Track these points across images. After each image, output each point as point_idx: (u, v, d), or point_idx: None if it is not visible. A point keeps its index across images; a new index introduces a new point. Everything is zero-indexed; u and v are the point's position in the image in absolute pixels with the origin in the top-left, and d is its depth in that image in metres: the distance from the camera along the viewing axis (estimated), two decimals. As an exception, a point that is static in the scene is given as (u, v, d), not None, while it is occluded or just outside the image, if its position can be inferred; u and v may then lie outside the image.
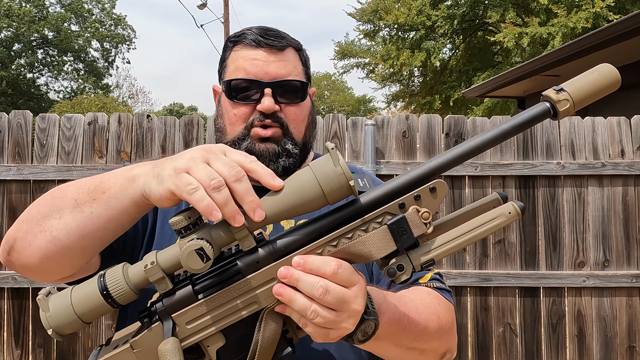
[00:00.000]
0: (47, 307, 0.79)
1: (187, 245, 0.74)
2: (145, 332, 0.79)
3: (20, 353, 3.49)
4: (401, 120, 3.58)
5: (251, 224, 0.77)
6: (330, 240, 0.79)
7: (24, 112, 3.55)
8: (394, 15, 17.50)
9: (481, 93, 10.89)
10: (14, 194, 3.50)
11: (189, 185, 0.75)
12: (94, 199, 0.87)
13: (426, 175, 0.80)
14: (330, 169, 0.76)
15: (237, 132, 1.18)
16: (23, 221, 0.95)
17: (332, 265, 0.77)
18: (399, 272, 0.79)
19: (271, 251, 0.80)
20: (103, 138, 3.54)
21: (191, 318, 0.79)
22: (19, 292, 3.48)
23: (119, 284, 0.78)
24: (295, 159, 1.18)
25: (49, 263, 0.92)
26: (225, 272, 0.80)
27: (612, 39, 5.92)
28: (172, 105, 46.32)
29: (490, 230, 0.81)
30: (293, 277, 0.76)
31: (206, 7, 22.59)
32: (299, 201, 0.77)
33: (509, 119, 0.83)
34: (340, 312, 0.77)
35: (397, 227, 0.78)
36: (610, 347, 3.46)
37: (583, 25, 13.06)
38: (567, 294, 3.49)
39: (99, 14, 32.78)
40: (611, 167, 3.47)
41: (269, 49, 1.17)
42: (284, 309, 0.79)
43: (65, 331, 0.80)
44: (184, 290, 0.79)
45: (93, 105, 20.94)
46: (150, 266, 0.77)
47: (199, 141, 3.57)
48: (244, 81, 1.16)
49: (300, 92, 1.19)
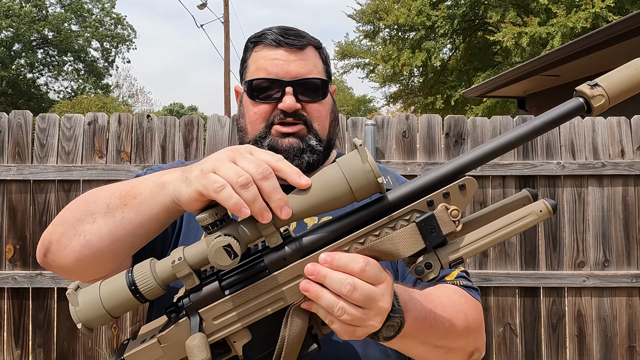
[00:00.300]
0: (77, 301, 0.79)
1: (215, 241, 0.74)
2: (172, 327, 0.79)
3: (20, 353, 3.49)
4: (401, 120, 3.58)
5: (278, 221, 0.77)
6: (358, 238, 0.78)
7: (24, 112, 3.55)
8: (393, 15, 17.50)
9: (481, 93, 10.88)
10: (14, 194, 3.50)
11: (216, 184, 0.75)
12: (125, 204, 0.89)
13: (455, 172, 0.79)
14: (359, 166, 0.76)
15: (258, 131, 1.18)
16: (57, 224, 0.98)
17: (359, 262, 0.76)
18: (427, 270, 0.78)
19: (298, 248, 0.79)
20: (103, 138, 3.54)
21: (218, 314, 0.79)
22: (19, 292, 3.48)
23: (146, 279, 0.78)
24: (319, 156, 1.18)
25: (82, 266, 0.94)
26: (251, 268, 0.80)
27: (612, 39, 5.92)
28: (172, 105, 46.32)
29: (520, 228, 0.80)
30: (320, 273, 0.76)
31: (206, 7, 22.60)
32: (327, 198, 0.76)
33: (541, 115, 0.81)
34: (368, 309, 0.77)
35: (425, 225, 0.77)
36: (610, 347, 3.46)
37: (582, 25, 13.06)
38: (567, 294, 3.49)
39: (99, 14, 32.80)
40: (611, 167, 3.47)
41: (289, 48, 1.18)
42: (310, 306, 0.78)
43: (94, 325, 0.80)
44: (211, 286, 0.79)
45: (93, 105, 20.94)
46: (178, 262, 0.77)
47: (199, 141, 3.57)
48: (265, 80, 1.17)
49: (321, 90, 1.20)
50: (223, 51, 21.33)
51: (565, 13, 13.76)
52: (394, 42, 18.55)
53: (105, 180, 3.48)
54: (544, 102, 9.60)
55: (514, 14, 15.45)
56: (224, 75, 21.16)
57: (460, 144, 3.55)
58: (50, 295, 3.49)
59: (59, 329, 3.50)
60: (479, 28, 18.25)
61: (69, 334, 3.50)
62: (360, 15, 19.28)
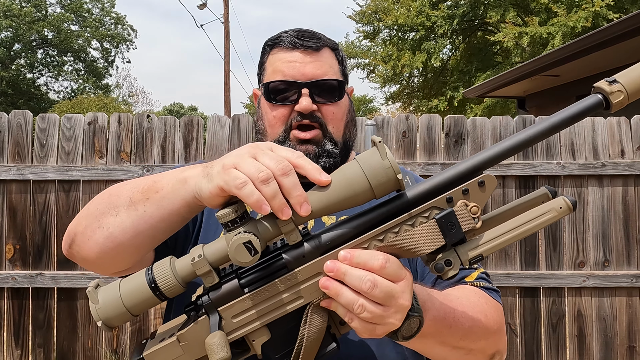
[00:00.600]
0: (97, 299, 0.79)
1: (235, 238, 0.74)
2: (191, 326, 0.79)
3: (20, 353, 3.49)
4: (401, 120, 3.58)
5: (297, 218, 0.77)
6: (377, 235, 0.78)
7: (24, 112, 3.55)
8: (393, 16, 17.50)
9: (481, 93, 10.89)
10: (14, 194, 3.50)
11: (238, 180, 0.75)
12: (148, 198, 0.90)
13: (474, 169, 0.79)
14: (378, 162, 0.76)
15: (277, 134, 1.19)
16: (83, 217, 1.00)
17: (379, 259, 0.76)
18: (447, 267, 0.78)
19: (317, 245, 0.79)
20: (103, 138, 3.54)
21: (237, 312, 0.78)
22: (19, 292, 3.48)
23: (166, 276, 0.78)
24: (336, 159, 1.19)
25: (105, 258, 0.96)
26: (270, 266, 0.79)
27: (612, 39, 5.92)
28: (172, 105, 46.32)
29: (540, 225, 0.79)
30: (340, 270, 0.76)
31: (206, 7, 22.60)
32: (346, 195, 0.76)
33: (559, 112, 0.80)
34: (388, 307, 0.76)
35: (445, 222, 0.77)
36: (610, 347, 3.46)
37: (583, 25, 13.06)
38: (567, 294, 3.49)
39: (99, 14, 32.79)
40: (611, 167, 3.47)
41: (305, 50, 1.19)
42: (330, 304, 0.78)
43: (114, 323, 0.80)
44: (230, 284, 0.79)
45: (93, 105, 20.94)
46: (198, 259, 0.77)
47: (199, 141, 3.57)
48: (282, 83, 1.19)
49: (337, 91, 1.21)
50: (223, 51, 21.33)
51: (565, 12, 13.76)
52: (394, 42, 18.55)
53: (105, 180, 3.49)
54: (544, 102, 9.60)
55: (514, 13, 15.44)
56: (224, 75, 21.16)
57: (460, 144, 3.55)
58: (50, 295, 3.49)
59: (59, 329, 3.50)
60: (479, 28, 18.25)
61: (69, 334, 3.50)
62: (360, 15, 19.28)
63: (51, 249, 3.50)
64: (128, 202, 0.93)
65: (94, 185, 3.50)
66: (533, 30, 13.83)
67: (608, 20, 12.56)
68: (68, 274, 3.46)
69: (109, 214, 0.94)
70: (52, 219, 3.50)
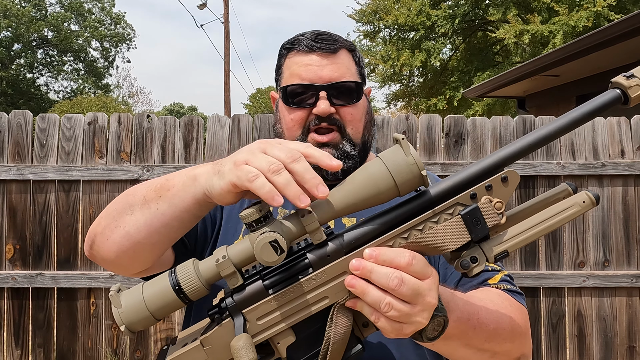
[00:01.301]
0: (120, 303, 0.77)
1: (261, 237, 0.73)
2: (215, 329, 0.78)
3: (20, 353, 3.49)
4: (401, 120, 3.58)
5: (320, 215, 0.76)
6: (401, 233, 0.77)
7: (24, 112, 3.55)
8: (393, 15, 17.49)
9: (481, 93, 10.88)
10: (14, 194, 3.50)
11: (250, 174, 0.75)
12: (160, 196, 0.92)
13: (496, 165, 0.79)
14: (402, 159, 0.75)
15: (294, 138, 1.19)
16: (102, 217, 1.02)
17: (406, 256, 0.75)
18: (473, 264, 0.77)
19: (341, 244, 0.78)
20: (103, 138, 3.54)
21: (262, 314, 0.77)
22: (19, 292, 3.48)
23: (190, 279, 0.77)
24: (355, 160, 1.19)
25: (123, 257, 0.97)
26: (295, 266, 0.78)
27: (612, 39, 5.92)
28: (172, 105, 46.34)
29: (564, 220, 0.79)
30: (366, 268, 0.75)
31: (206, 7, 22.60)
32: (371, 193, 0.76)
33: (578, 107, 0.80)
34: (415, 304, 0.75)
35: (471, 217, 0.77)
36: (610, 347, 3.46)
37: (584, 24, 13.06)
38: (567, 294, 3.49)
39: (99, 13, 32.79)
40: (611, 167, 3.47)
41: (322, 53, 1.19)
42: (355, 304, 0.77)
43: (137, 328, 0.78)
44: (255, 285, 0.78)
45: (93, 105, 20.95)
46: (222, 260, 0.76)
47: (199, 141, 3.57)
48: (299, 86, 1.19)
49: (355, 93, 1.20)
50: (223, 51, 21.33)
51: (567, 11, 13.76)
52: (394, 42, 18.55)
53: (105, 180, 3.49)
54: (544, 102, 9.60)
55: (515, 12, 15.44)
56: (224, 75, 21.16)
57: (460, 144, 3.55)
58: (50, 295, 3.49)
59: (59, 329, 3.50)
60: (479, 28, 18.25)
61: (69, 334, 3.50)
62: (360, 15, 19.27)
63: (51, 249, 3.50)
64: (142, 201, 0.94)
65: (94, 185, 3.51)
66: (534, 28, 13.82)
67: (609, 20, 12.57)
68: (68, 274, 3.46)
69: (125, 213, 0.96)
70: (52, 219, 3.50)
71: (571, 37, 12.67)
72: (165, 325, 3.53)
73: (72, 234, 3.52)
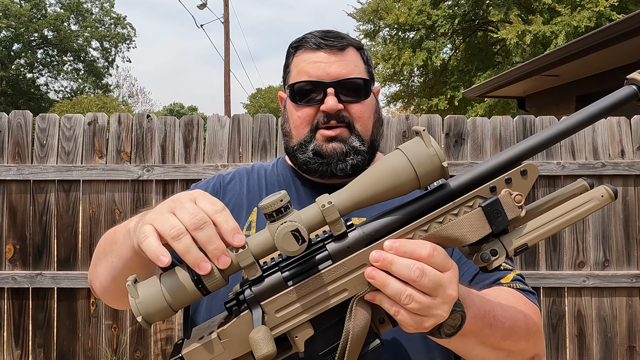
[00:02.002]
0: (137, 293, 0.76)
1: (283, 226, 0.72)
2: (233, 321, 0.77)
3: (20, 353, 3.49)
4: (401, 120, 3.58)
5: (340, 206, 0.76)
6: (421, 225, 0.77)
7: (24, 112, 3.55)
8: (394, 14, 17.50)
9: (481, 93, 10.88)
10: (14, 194, 3.50)
11: (141, 235, 0.77)
12: (112, 250, 0.97)
13: (515, 159, 0.79)
14: (423, 150, 0.75)
15: (302, 135, 1.18)
16: (91, 265, 1.12)
17: (427, 247, 0.75)
18: (493, 257, 0.77)
19: (361, 236, 0.77)
20: (103, 138, 3.54)
21: (281, 306, 0.76)
22: (19, 292, 3.48)
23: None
24: (364, 157, 1.18)
25: (110, 300, 1.09)
26: (314, 258, 0.77)
27: (613, 38, 5.92)
28: (172, 105, 46.35)
29: (583, 214, 0.79)
30: (386, 260, 0.74)
31: (206, 7, 22.60)
32: (392, 184, 0.75)
33: (595, 102, 0.81)
34: (436, 297, 0.75)
35: (491, 210, 0.77)
36: (610, 347, 3.46)
37: (586, 25, 13.06)
38: (567, 294, 3.49)
39: (99, 13, 32.78)
40: (611, 167, 3.47)
41: (330, 50, 1.18)
42: (374, 297, 0.76)
43: (154, 319, 0.77)
44: (274, 277, 0.77)
45: (93, 105, 20.95)
46: (242, 251, 0.75)
47: (199, 141, 3.57)
48: (307, 83, 1.17)
49: (363, 90, 1.19)
50: (223, 51, 21.33)
51: (569, 12, 13.76)
52: (394, 41, 18.55)
53: (105, 180, 3.49)
54: (544, 102, 9.60)
55: (517, 12, 15.43)
56: (224, 75, 21.16)
57: (460, 144, 3.55)
58: (50, 295, 3.49)
59: (59, 329, 3.50)
60: (479, 28, 18.26)
61: (69, 334, 3.50)
62: (361, 14, 19.26)
63: (51, 249, 3.50)
64: (103, 254, 1.02)
65: (94, 185, 3.51)
66: (536, 28, 13.82)
67: (611, 21, 12.57)
68: (68, 274, 3.46)
69: (98, 264, 1.05)
70: (52, 219, 3.50)
71: (573, 38, 12.67)
72: (165, 325, 3.53)
73: (72, 234, 3.52)
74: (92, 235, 3.50)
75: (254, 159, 3.52)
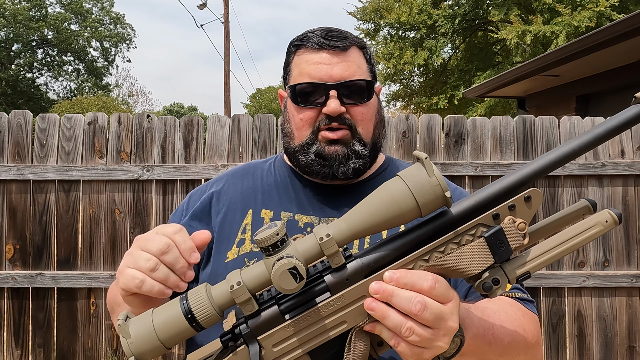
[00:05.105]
0: (128, 333, 0.74)
1: (280, 264, 0.70)
2: (230, 357, 0.75)
3: (20, 353, 3.49)
4: (401, 120, 3.58)
5: (339, 237, 0.74)
6: (422, 255, 0.75)
7: (24, 112, 3.55)
8: (395, 14, 17.50)
9: (481, 93, 10.88)
10: (14, 194, 3.50)
11: (135, 279, 0.82)
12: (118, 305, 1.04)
13: (519, 183, 0.76)
14: (425, 180, 0.72)
15: (304, 137, 1.16)
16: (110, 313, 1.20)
17: (429, 279, 0.73)
18: (495, 286, 0.75)
19: (360, 267, 0.75)
20: (103, 138, 3.54)
21: (278, 340, 0.74)
22: (19, 292, 3.48)
23: (203, 306, 0.74)
24: (365, 160, 1.16)
25: None
26: (312, 290, 0.75)
27: (612, 38, 5.91)
28: (172, 105, 46.34)
29: (586, 240, 0.77)
30: (387, 291, 0.72)
31: (206, 7, 22.60)
32: (392, 214, 0.73)
33: (602, 122, 0.79)
34: (437, 329, 0.73)
35: (495, 240, 0.74)
36: (610, 347, 3.46)
37: (587, 25, 13.06)
38: (567, 294, 3.49)
39: (98, 13, 32.77)
40: (611, 167, 3.47)
41: (332, 50, 1.15)
42: (374, 328, 0.75)
43: (147, 358, 0.75)
44: (270, 311, 0.75)
45: (93, 105, 20.95)
46: (237, 287, 0.73)
47: (199, 141, 3.57)
48: (309, 85, 1.14)
49: (366, 92, 1.16)
50: (223, 51, 21.32)
51: (570, 12, 13.76)
52: (395, 40, 18.55)
53: (105, 180, 3.48)
54: (544, 102, 9.60)
55: (517, 12, 15.43)
56: (224, 75, 21.16)
57: (460, 144, 3.55)
58: (50, 295, 3.49)
59: (59, 329, 3.50)
60: (480, 28, 18.26)
61: (69, 334, 3.50)
62: (362, 13, 19.26)
63: (51, 249, 3.50)
64: (111, 310, 1.13)
65: (94, 185, 3.51)
66: (537, 28, 13.81)
67: (611, 21, 12.57)
68: (68, 274, 3.46)
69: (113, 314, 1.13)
70: (52, 219, 3.50)
71: (574, 38, 12.67)
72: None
73: (72, 234, 3.52)
74: (92, 235, 3.50)
75: (254, 159, 3.52)
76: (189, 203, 1.27)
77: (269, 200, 1.21)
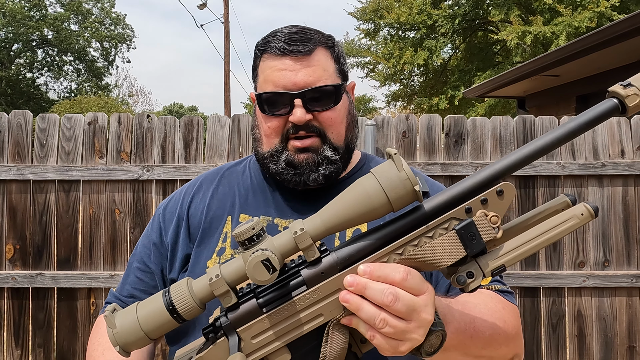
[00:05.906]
0: (114, 323, 0.77)
1: (253, 256, 0.73)
2: (210, 348, 0.78)
3: (20, 353, 3.49)
4: (401, 120, 3.58)
5: (313, 232, 0.76)
6: (396, 248, 0.77)
7: (24, 112, 3.55)
8: (395, 14, 17.50)
9: (481, 93, 10.88)
10: (14, 194, 3.50)
11: None
12: None
13: (492, 178, 0.78)
14: (395, 175, 0.74)
15: (273, 144, 1.14)
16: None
17: (400, 271, 0.75)
18: (469, 279, 0.77)
19: (335, 261, 0.78)
20: (103, 138, 3.54)
21: (256, 332, 0.77)
22: (19, 292, 3.48)
23: (184, 299, 0.77)
24: (337, 165, 1.14)
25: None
26: (289, 284, 0.78)
27: (612, 38, 5.91)
28: (172, 105, 46.32)
29: (562, 233, 0.78)
30: (360, 284, 0.74)
31: (206, 7, 22.59)
32: (364, 209, 0.75)
33: (575, 117, 0.79)
34: (410, 321, 0.75)
35: (466, 232, 0.76)
36: (610, 347, 3.46)
37: (587, 25, 13.05)
38: (567, 294, 3.49)
39: (99, 14, 32.77)
40: (611, 167, 3.47)
41: (295, 56, 1.11)
42: (350, 321, 0.77)
43: (132, 348, 0.78)
44: (249, 304, 0.78)
45: (93, 105, 20.94)
46: (215, 279, 0.76)
47: (199, 141, 3.57)
48: (273, 94, 1.12)
49: (333, 96, 1.13)
50: (223, 51, 21.32)
51: (570, 12, 13.76)
52: (395, 40, 18.56)
53: (105, 180, 3.48)
54: (544, 102, 9.60)
55: (517, 12, 15.43)
56: (224, 75, 21.15)
57: (460, 144, 3.55)
58: (50, 295, 3.49)
59: (59, 329, 3.50)
60: (480, 28, 18.26)
61: (69, 334, 3.50)
62: (361, 13, 19.27)
63: (51, 249, 3.50)
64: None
65: (94, 185, 3.50)
66: (537, 29, 13.81)
67: (611, 21, 12.57)
68: (68, 274, 3.46)
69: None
70: (52, 219, 3.50)
71: (574, 38, 12.68)
72: (165, 325, 3.53)
73: (72, 234, 3.52)
74: (92, 235, 3.50)
75: (254, 159, 3.51)
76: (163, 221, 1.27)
77: (246, 205, 1.20)
